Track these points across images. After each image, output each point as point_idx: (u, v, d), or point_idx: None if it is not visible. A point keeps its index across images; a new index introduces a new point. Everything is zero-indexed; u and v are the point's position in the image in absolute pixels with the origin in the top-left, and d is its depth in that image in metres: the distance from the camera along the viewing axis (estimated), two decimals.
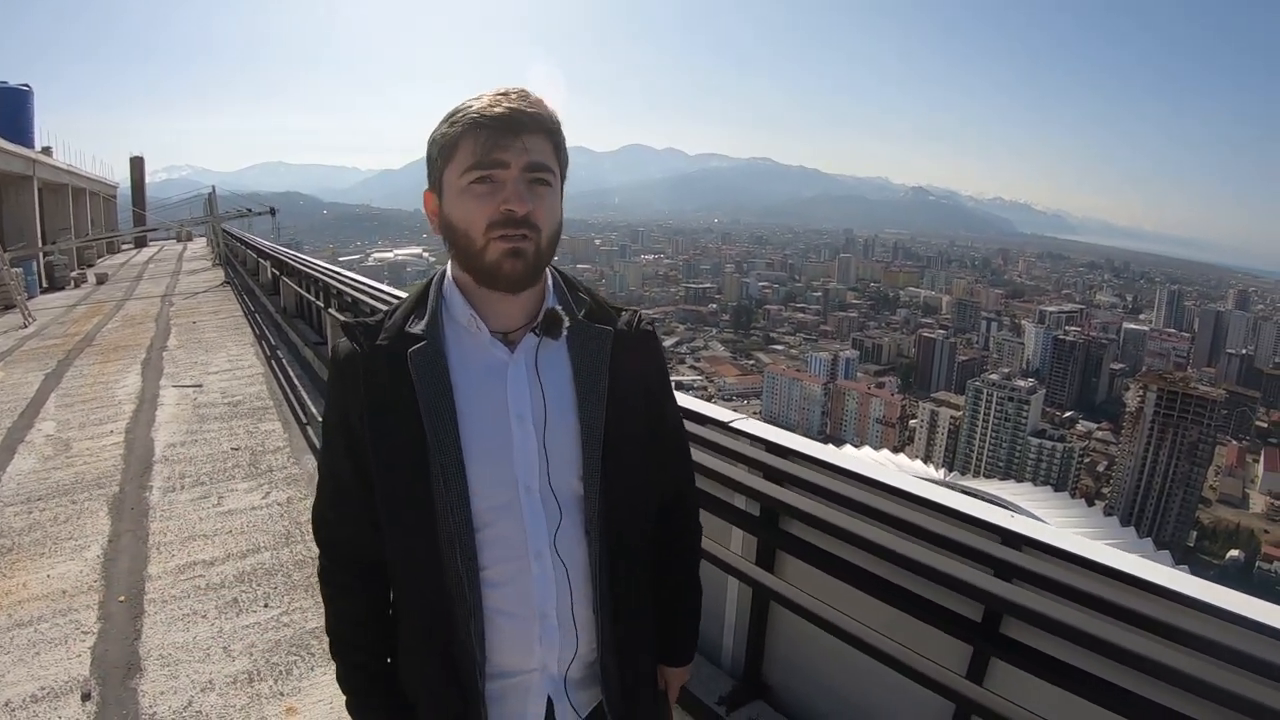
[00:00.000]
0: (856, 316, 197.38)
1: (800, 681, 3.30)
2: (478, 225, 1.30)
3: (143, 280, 28.45)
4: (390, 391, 1.36)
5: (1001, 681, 2.43)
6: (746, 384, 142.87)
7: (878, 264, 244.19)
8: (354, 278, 11.26)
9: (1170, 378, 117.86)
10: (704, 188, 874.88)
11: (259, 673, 3.82)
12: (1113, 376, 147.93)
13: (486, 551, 1.38)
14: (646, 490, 1.53)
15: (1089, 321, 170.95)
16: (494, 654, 1.42)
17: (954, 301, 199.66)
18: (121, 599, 4.55)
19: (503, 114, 1.28)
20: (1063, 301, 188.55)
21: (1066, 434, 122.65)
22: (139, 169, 64.93)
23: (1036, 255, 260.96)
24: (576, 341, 1.43)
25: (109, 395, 9.85)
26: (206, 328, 15.35)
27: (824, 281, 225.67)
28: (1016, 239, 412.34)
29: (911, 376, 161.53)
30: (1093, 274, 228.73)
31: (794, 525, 3.10)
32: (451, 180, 1.32)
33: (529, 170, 1.30)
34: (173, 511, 5.85)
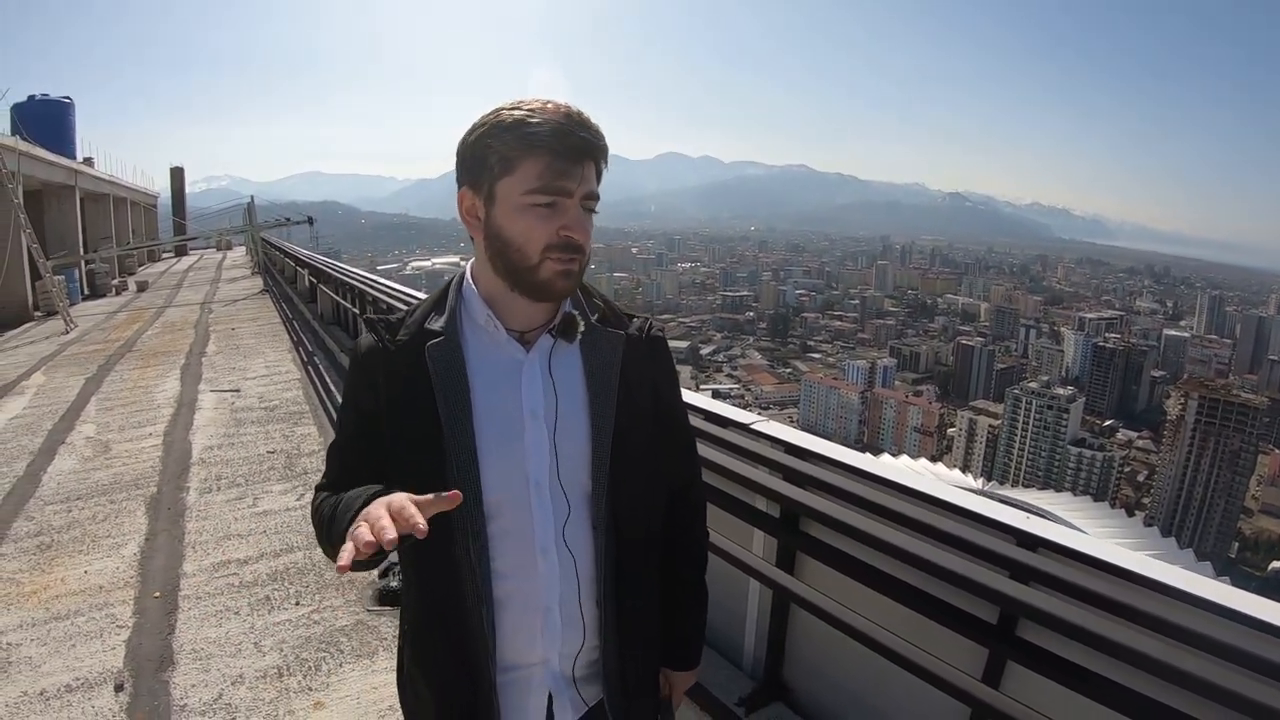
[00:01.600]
0: (894, 324, 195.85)
1: (820, 684, 3.30)
2: (535, 244, 1.34)
3: (182, 288, 28.96)
4: (409, 385, 1.40)
5: (1017, 685, 2.43)
6: (784, 392, 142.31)
7: (915, 271, 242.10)
8: (389, 285, 11.40)
9: (1212, 385, 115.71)
10: (739, 195, 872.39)
11: (288, 668, 3.90)
12: (1153, 384, 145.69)
13: (496, 543, 1.42)
14: (654, 489, 1.58)
15: (1129, 328, 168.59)
16: (502, 645, 1.46)
17: (992, 308, 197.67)
18: (156, 595, 4.66)
19: (577, 143, 1.32)
20: (1102, 308, 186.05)
21: (1106, 443, 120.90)
22: (179, 179, 65.93)
23: (1075, 261, 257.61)
24: (589, 344, 1.48)
25: (148, 399, 10.06)
26: (245, 334, 15.60)
27: (861, 289, 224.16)
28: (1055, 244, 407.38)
29: (950, 384, 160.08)
30: (1132, 280, 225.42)
31: (813, 527, 3.12)
32: (510, 194, 1.34)
33: (586, 199, 1.35)
34: (208, 512, 5.97)
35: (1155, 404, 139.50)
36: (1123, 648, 2.03)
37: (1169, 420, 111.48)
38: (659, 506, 1.61)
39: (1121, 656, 2.03)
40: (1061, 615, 2.16)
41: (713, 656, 3.60)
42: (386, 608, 4.50)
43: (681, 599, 1.73)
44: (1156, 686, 2.02)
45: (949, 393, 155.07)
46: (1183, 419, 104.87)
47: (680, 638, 1.75)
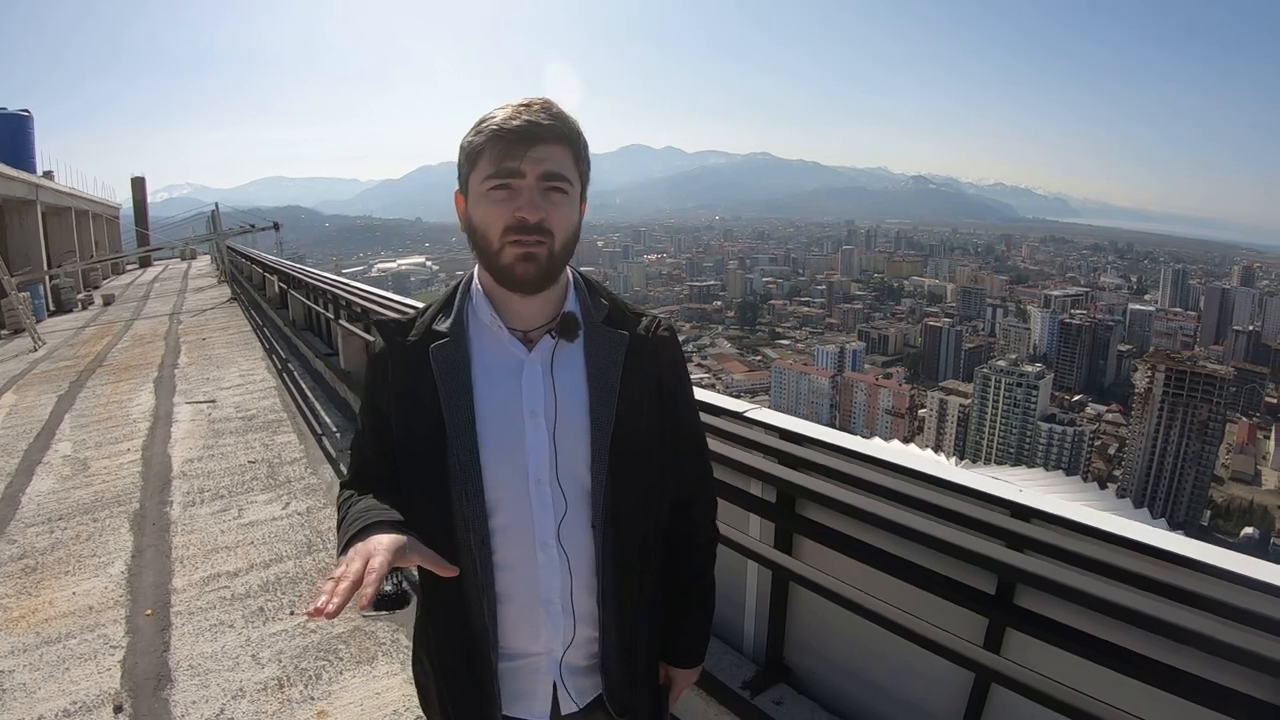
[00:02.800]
0: (861, 308, 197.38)
1: (821, 664, 3.35)
2: (495, 229, 1.38)
3: (149, 299, 28.58)
4: (415, 384, 1.46)
5: (1016, 651, 2.49)
6: (754, 379, 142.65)
7: (880, 255, 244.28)
8: (362, 288, 11.32)
9: (1178, 357, 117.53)
10: (704, 185, 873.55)
11: (289, 678, 3.88)
12: (1120, 358, 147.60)
13: (497, 536, 1.47)
14: (656, 490, 1.59)
15: (1094, 304, 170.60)
16: (504, 634, 1.52)
17: (958, 289, 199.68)
18: (148, 612, 4.61)
19: (520, 126, 1.36)
20: (1067, 285, 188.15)
21: (1076, 418, 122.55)
22: (140, 189, 65.17)
23: (1039, 240, 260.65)
24: (592, 344, 1.51)
25: (123, 414, 9.93)
26: (216, 344, 15.46)
27: (828, 274, 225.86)
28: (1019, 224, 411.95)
29: (919, 366, 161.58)
30: (1096, 256, 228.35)
31: (810, 509, 3.16)
32: (475, 185, 1.40)
33: (544, 179, 1.37)
34: (194, 525, 5.91)
35: (1123, 378, 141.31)
36: (1114, 605, 2.10)
37: (1137, 393, 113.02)
38: (661, 506, 1.63)
39: (1113, 614, 2.11)
40: (1056, 578, 2.23)
41: (713, 642, 3.60)
42: (383, 612, 4.47)
43: (687, 598, 1.76)
44: (1145, 642, 2.11)
45: (919, 374, 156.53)
46: (1151, 391, 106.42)
47: (684, 636, 1.78)
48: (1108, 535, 2.34)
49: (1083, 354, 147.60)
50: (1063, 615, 2.33)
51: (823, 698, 3.28)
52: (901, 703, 3.03)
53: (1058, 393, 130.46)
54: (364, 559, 1.19)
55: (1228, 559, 2.16)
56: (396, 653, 4.11)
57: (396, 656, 4.07)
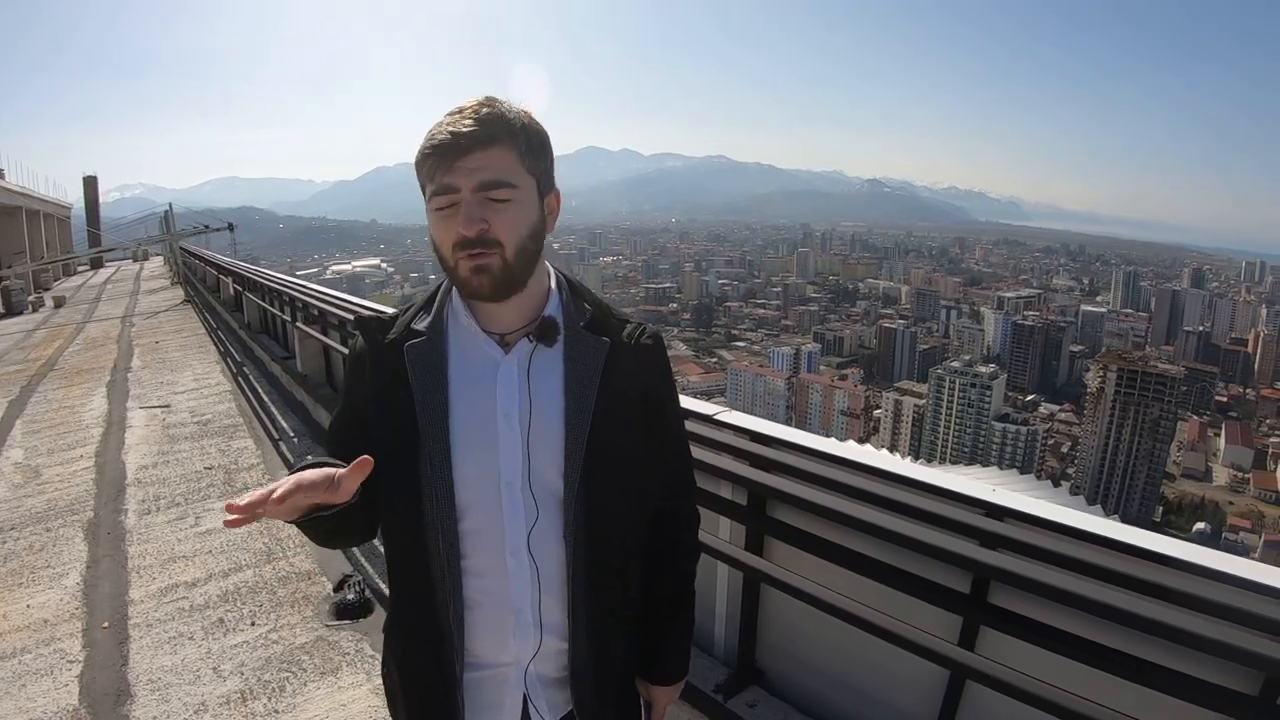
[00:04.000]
0: (817, 310, 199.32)
1: (793, 665, 3.37)
2: (446, 246, 1.37)
3: (101, 302, 27.98)
4: (391, 383, 1.44)
5: (990, 649, 2.53)
6: (710, 381, 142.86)
7: (836, 257, 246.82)
8: (320, 290, 11.17)
9: (1129, 357, 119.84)
10: (660, 188, 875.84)
11: (251, 691, 3.79)
12: (1073, 358, 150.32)
13: (467, 541, 1.44)
14: (634, 501, 1.56)
15: (1047, 305, 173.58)
16: (471, 642, 1.48)
17: (913, 291, 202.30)
18: (105, 625, 4.49)
19: (447, 139, 1.33)
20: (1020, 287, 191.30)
21: (1029, 417, 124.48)
22: (93, 189, 64.00)
23: (993, 242, 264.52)
24: (572, 350, 1.47)
25: (76, 420, 9.68)
26: (170, 347, 15.16)
27: (783, 276, 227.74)
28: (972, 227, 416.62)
29: (874, 367, 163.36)
30: (1049, 258, 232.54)
31: (781, 511, 3.18)
32: (428, 205, 1.38)
33: (481, 189, 1.34)
34: (150, 534, 5.77)
35: (1075, 378, 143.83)
36: (1089, 600, 2.17)
37: (1089, 393, 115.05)
38: (638, 517, 1.59)
39: (1084, 608, 2.18)
40: (1030, 575, 2.28)
41: None
42: (345, 621, 4.42)
43: (665, 613, 1.71)
44: (1117, 637, 2.18)
45: (873, 375, 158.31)
46: (1103, 391, 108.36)
47: (666, 651, 1.73)
48: (1081, 533, 2.39)
49: (1036, 355, 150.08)
50: (1036, 612, 2.36)
51: (796, 699, 3.30)
52: (876, 702, 3.06)
53: (1011, 393, 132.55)
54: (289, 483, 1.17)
55: (1197, 553, 2.25)
56: (361, 662, 4.04)
57: (361, 666, 4.00)
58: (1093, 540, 2.36)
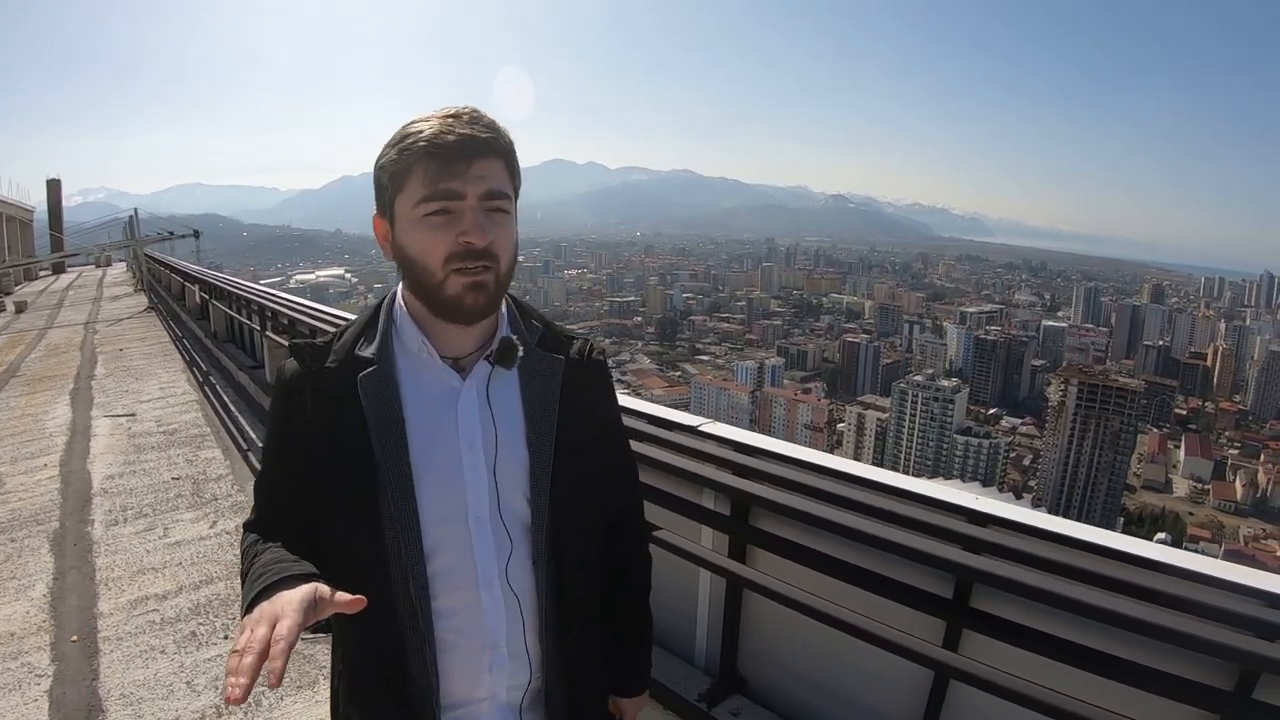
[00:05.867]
0: (780, 324, 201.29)
1: (775, 673, 3.38)
2: (435, 258, 1.27)
3: (64, 308, 27.47)
4: (340, 416, 1.33)
5: (973, 651, 2.58)
6: (674, 395, 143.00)
7: (800, 272, 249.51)
8: (290, 299, 11.10)
9: (1090, 371, 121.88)
10: (626, 201, 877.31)
11: (226, 706, 3.72)
12: (1034, 373, 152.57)
13: (438, 581, 1.36)
14: (594, 519, 1.54)
15: (1009, 320, 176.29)
16: (445, 685, 1.40)
17: (876, 306, 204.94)
18: (74, 639, 4.39)
19: (455, 141, 1.24)
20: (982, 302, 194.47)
21: (991, 430, 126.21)
22: (56, 192, 62.74)
23: (955, 258, 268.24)
24: (527, 370, 1.42)
25: (39, 428, 9.49)
26: (134, 355, 14.92)
27: (747, 291, 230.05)
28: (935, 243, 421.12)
29: (837, 381, 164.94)
30: (1011, 274, 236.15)
31: (764, 519, 3.20)
32: (404, 210, 1.29)
33: (486, 199, 1.27)
34: (118, 545, 5.66)
35: (1037, 391, 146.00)
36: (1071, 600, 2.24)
37: (1051, 406, 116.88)
38: (599, 535, 1.58)
39: (1070, 608, 2.25)
40: (1013, 577, 2.35)
41: (665, 655, 3.63)
42: (320, 635, 4.34)
43: (627, 627, 1.70)
44: (1097, 637, 2.26)
45: (837, 389, 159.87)
46: (1064, 404, 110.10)
47: (628, 665, 1.73)
48: (1063, 537, 2.47)
49: (998, 369, 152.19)
50: (1017, 615, 2.43)
51: (779, 707, 3.32)
52: (859, 707, 3.09)
53: (973, 406, 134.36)
54: (269, 623, 1.02)
55: (1172, 555, 2.36)
56: None
57: None
58: (1074, 544, 2.43)
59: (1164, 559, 2.33)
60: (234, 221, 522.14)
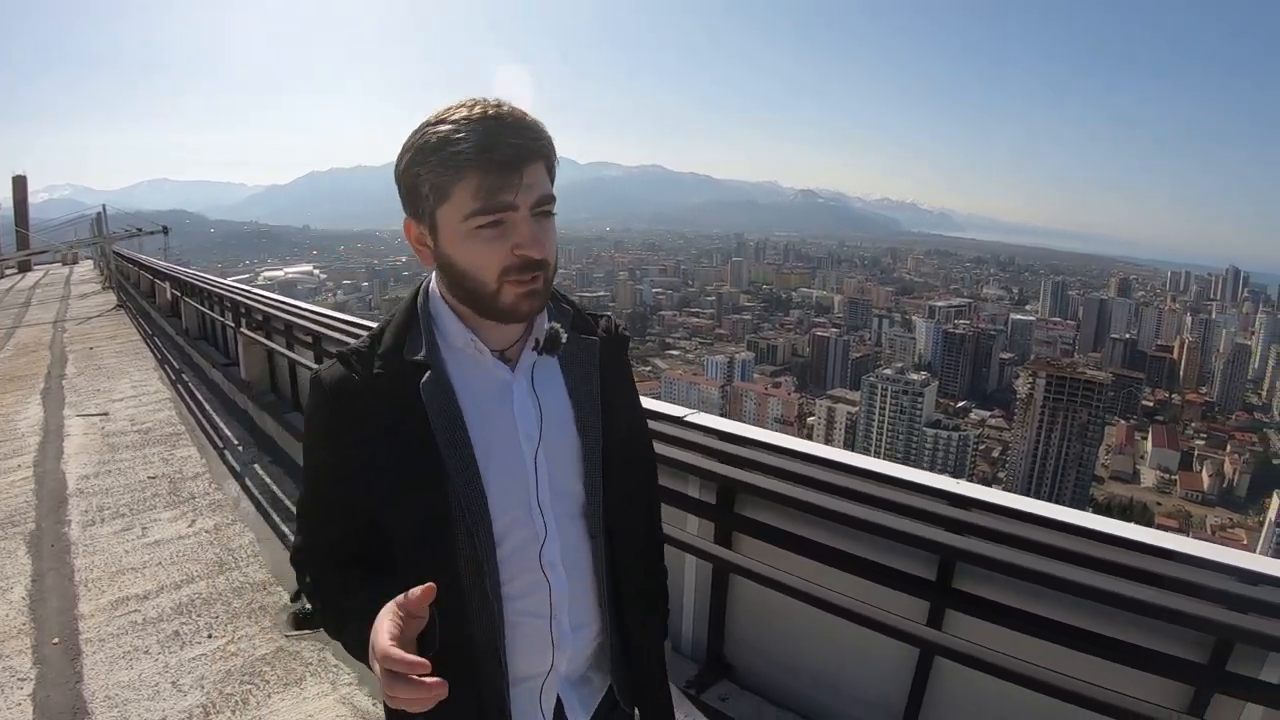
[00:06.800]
0: (750, 319, 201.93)
1: (761, 659, 3.44)
2: (490, 271, 1.24)
3: (31, 306, 27.00)
4: (401, 422, 1.31)
5: (956, 630, 2.66)
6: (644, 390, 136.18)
7: (769, 267, 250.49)
8: (264, 295, 11.00)
9: (1058, 364, 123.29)
10: (596, 197, 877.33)
11: (214, 705, 3.70)
12: (1003, 366, 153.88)
13: (505, 568, 1.37)
14: (640, 489, 1.59)
15: (977, 314, 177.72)
16: (513, 663, 1.41)
17: (845, 300, 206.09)
18: (56, 641, 4.35)
19: (508, 154, 1.20)
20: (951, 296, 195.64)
21: (961, 423, 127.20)
22: (21, 188, 61.64)
23: (924, 253, 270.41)
24: (567, 354, 1.43)
25: (10, 428, 9.34)
26: (105, 353, 14.71)
27: (717, 286, 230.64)
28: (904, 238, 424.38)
29: (807, 375, 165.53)
30: (979, 269, 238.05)
31: (749, 506, 3.26)
32: (451, 222, 1.24)
33: (536, 206, 1.24)
34: (96, 546, 5.60)
35: (1005, 384, 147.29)
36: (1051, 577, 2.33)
37: (1019, 399, 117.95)
38: (644, 504, 1.63)
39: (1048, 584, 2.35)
40: (995, 555, 2.44)
41: None
42: (305, 631, 4.34)
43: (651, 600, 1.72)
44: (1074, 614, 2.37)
45: (807, 383, 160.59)
46: (1032, 397, 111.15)
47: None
48: (1042, 519, 2.56)
49: (966, 362, 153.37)
50: (999, 594, 2.51)
51: (766, 691, 3.38)
52: (845, 689, 3.16)
53: (942, 399, 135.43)
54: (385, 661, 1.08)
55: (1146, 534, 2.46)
56: (325, 672, 3.98)
57: (325, 676, 3.94)
58: (1052, 525, 2.52)
59: (1140, 538, 2.41)
60: (201, 217, 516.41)
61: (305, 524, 1.46)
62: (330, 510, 1.41)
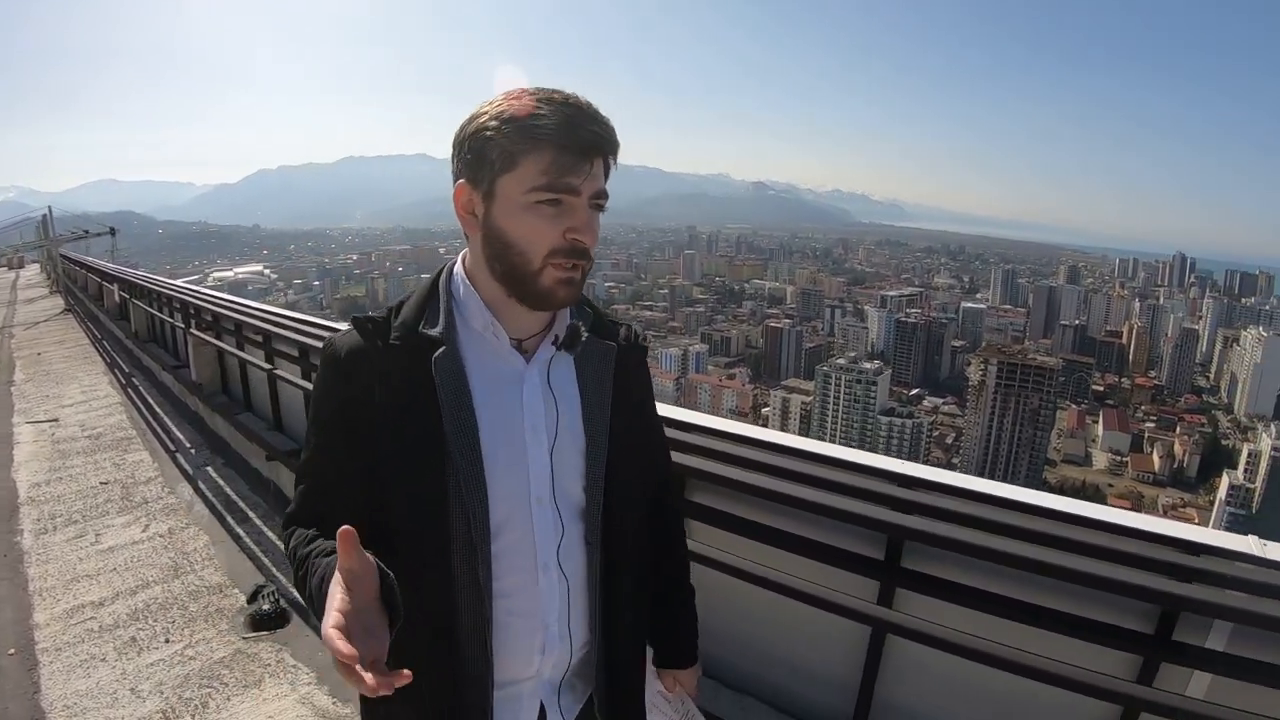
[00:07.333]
0: (704, 311, 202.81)
1: (717, 644, 3.47)
2: (539, 248, 1.25)
3: None
4: (409, 395, 1.31)
5: (907, 608, 2.74)
6: None
7: (722, 259, 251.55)
8: (213, 294, 10.85)
9: (1009, 351, 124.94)
10: None
11: (174, 710, 3.69)
12: (954, 353, 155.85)
13: (498, 562, 1.35)
14: (642, 501, 1.57)
15: (928, 303, 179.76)
16: (499, 664, 1.40)
17: (798, 291, 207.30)
18: (11, 652, 4.29)
19: (587, 137, 1.22)
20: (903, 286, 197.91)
21: (914, 410, 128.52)
22: None
23: (875, 243, 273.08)
24: (583, 355, 1.44)
25: None
26: (53, 358, 14.42)
27: (670, 278, 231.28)
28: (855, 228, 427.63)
29: (761, 366, 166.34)
30: (930, 258, 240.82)
31: (701, 493, 3.28)
32: (512, 192, 1.25)
33: (594, 197, 1.27)
34: (49, 554, 5.52)
35: (957, 371, 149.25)
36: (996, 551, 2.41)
37: (971, 385, 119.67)
38: (644, 516, 1.59)
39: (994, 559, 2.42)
40: (942, 533, 2.52)
41: None
42: (263, 633, 4.33)
43: (676, 601, 1.75)
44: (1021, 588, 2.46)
45: (761, 374, 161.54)
46: (984, 383, 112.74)
47: (680, 637, 1.77)
48: (984, 495, 2.65)
49: (918, 350, 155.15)
50: (947, 572, 2.60)
51: (722, 675, 3.45)
52: (800, 669, 3.25)
53: (896, 387, 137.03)
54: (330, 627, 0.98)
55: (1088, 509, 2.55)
56: (284, 673, 3.98)
57: (284, 677, 3.95)
58: (997, 502, 2.61)
59: (1084, 512, 2.50)
60: (149, 219, 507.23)
61: (298, 491, 1.42)
62: (325, 479, 1.39)
